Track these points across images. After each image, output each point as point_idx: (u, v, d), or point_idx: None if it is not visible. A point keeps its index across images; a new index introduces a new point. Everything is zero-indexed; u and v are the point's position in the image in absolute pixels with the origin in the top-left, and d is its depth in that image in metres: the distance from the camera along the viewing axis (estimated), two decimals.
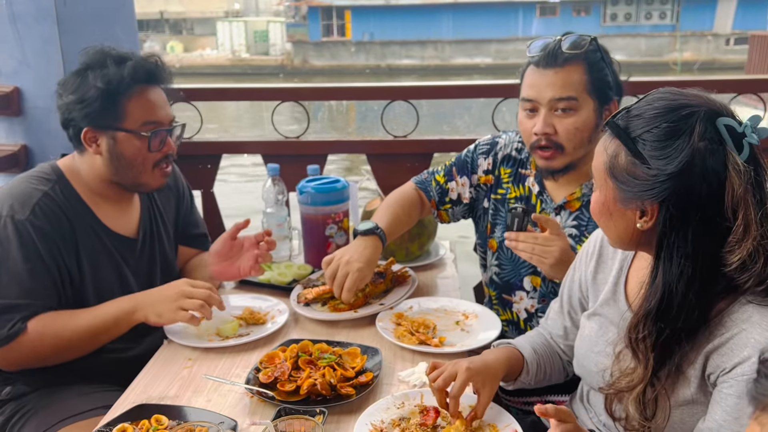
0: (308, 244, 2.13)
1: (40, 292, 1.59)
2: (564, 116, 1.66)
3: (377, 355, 1.56)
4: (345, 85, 2.57)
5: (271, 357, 1.53)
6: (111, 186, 1.74)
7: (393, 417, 1.33)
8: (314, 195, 2.05)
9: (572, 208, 1.79)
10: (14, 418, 1.63)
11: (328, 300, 1.84)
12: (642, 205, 1.10)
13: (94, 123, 1.64)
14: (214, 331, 1.72)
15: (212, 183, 2.59)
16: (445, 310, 1.83)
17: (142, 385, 1.51)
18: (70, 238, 1.65)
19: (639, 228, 1.13)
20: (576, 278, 1.47)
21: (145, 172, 1.72)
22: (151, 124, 1.69)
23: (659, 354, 1.11)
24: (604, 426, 1.36)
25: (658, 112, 1.09)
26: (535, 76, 1.68)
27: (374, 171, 2.51)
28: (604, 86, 1.68)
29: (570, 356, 1.51)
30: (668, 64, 25.69)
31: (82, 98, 1.62)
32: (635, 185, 1.09)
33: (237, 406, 1.42)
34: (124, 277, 1.78)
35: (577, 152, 1.69)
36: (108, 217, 1.75)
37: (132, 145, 1.67)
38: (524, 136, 1.76)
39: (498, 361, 1.39)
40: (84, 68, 1.65)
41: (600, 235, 1.43)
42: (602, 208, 1.18)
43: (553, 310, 1.56)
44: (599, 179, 1.17)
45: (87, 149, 1.68)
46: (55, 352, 1.60)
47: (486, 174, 1.95)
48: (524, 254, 1.66)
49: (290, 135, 2.56)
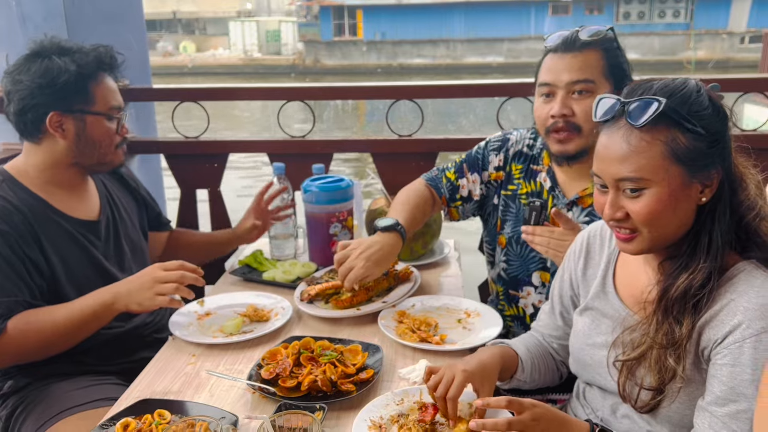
0: (312, 243, 2.14)
1: (9, 289, 1.59)
2: (581, 98, 1.67)
3: (378, 353, 1.57)
4: (350, 85, 2.58)
5: (273, 353, 1.54)
6: (67, 171, 1.77)
7: (392, 413, 1.34)
8: (318, 194, 2.07)
9: (584, 204, 1.79)
10: (17, 410, 1.66)
11: (331, 297, 1.85)
12: (709, 176, 1.14)
13: (61, 107, 1.67)
14: (218, 328, 1.74)
15: (219, 182, 2.61)
16: (447, 308, 1.84)
17: (146, 381, 1.53)
18: (29, 232, 1.65)
19: (700, 203, 1.16)
20: (566, 278, 1.49)
21: (110, 153, 1.79)
22: (115, 108, 1.77)
23: (677, 320, 1.15)
24: (601, 421, 1.37)
25: (679, 89, 1.13)
26: (553, 61, 1.70)
27: (379, 170, 2.52)
28: (621, 73, 1.70)
29: (563, 356, 1.52)
30: (682, 62, 25.51)
31: (52, 82, 1.65)
32: (705, 157, 1.13)
33: (239, 401, 1.44)
34: (95, 260, 1.80)
35: (594, 135, 1.69)
36: (65, 205, 1.77)
37: (101, 127, 1.74)
38: (539, 123, 1.76)
39: (493, 357, 1.41)
40: (35, 55, 1.67)
41: (587, 233, 1.45)
42: (669, 200, 1.13)
43: (544, 311, 1.58)
44: (658, 174, 1.12)
45: (50, 134, 1.70)
46: (40, 347, 1.62)
47: (497, 170, 1.96)
48: (540, 248, 1.67)
49: (301, 134, 2.57)
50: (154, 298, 1.61)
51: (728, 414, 1.08)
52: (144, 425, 1.29)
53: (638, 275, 1.30)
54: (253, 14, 39.05)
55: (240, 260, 2.17)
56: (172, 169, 2.62)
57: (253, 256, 2.16)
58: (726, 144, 1.15)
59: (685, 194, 1.14)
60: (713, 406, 1.10)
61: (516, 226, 1.90)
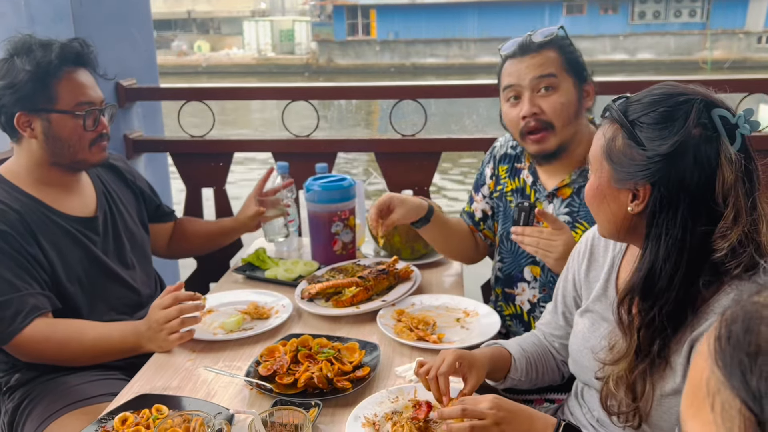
0: (314, 241, 2.16)
1: (18, 284, 1.62)
2: (547, 95, 1.71)
3: (375, 351, 1.58)
4: (354, 85, 2.59)
5: (272, 350, 1.56)
6: (52, 170, 1.77)
7: (386, 411, 1.35)
8: (320, 193, 2.08)
9: (564, 195, 1.81)
10: (23, 403, 1.69)
11: (331, 296, 1.87)
12: (635, 186, 1.14)
13: (26, 107, 1.68)
14: (219, 325, 1.76)
15: (224, 180, 2.63)
16: (446, 307, 1.85)
17: (146, 376, 1.56)
18: (27, 231, 1.67)
19: (630, 211, 1.16)
20: (569, 278, 1.48)
21: (82, 150, 1.76)
22: (84, 104, 1.73)
23: (644, 333, 1.14)
24: (597, 422, 1.37)
25: (656, 98, 1.13)
26: (514, 65, 1.74)
27: (383, 169, 2.53)
28: (578, 66, 1.74)
29: (564, 356, 1.52)
30: (698, 62, 25.25)
31: (11, 83, 1.65)
32: (630, 166, 1.13)
33: (236, 397, 1.45)
34: (93, 256, 1.81)
35: (567, 130, 1.73)
36: (59, 203, 1.78)
37: (66, 125, 1.71)
38: (512, 127, 1.79)
39: (482, 353, 1.42)
40: (9, 55, 1.68)
41: (591, 234, 1.44)
42: (596, 192, 1.21)
43: (548, 310, 1.58)
44: (595, 164, 1.21)
45: (21, 134, 1.71)
46: (60, 358, 1.67)
47: (490, 179, 2.02)
48: (530, 248, 1.69)
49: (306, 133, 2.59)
50: (167, 340, 1.63)
51: None
52: (142, 420, 1.31)
53: None
54: (267, 14, 39.21)
55: (243, 258, 2.20)
56: (178, 168, 2.65)
57: (256, 255, 2.17)
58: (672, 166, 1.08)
59: (612, 194, 1.18)
60: None
61: (506, 223, 1.93)
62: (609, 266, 1.37)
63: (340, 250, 2.14)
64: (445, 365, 1.30)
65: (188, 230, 2.24)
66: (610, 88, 2.25)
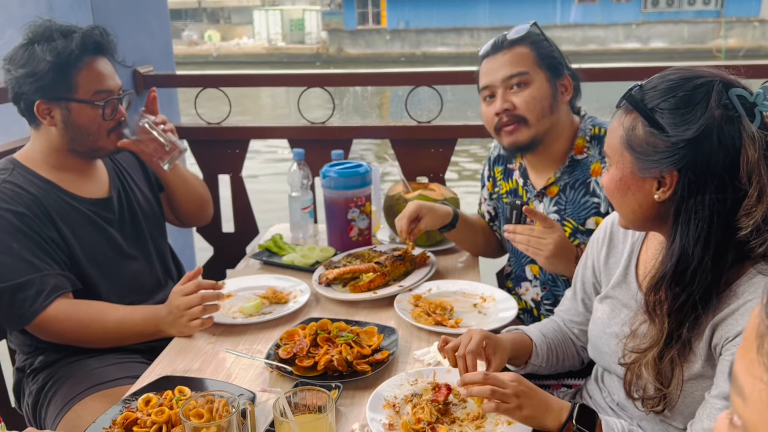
0: (331, 228, 2.17)
1: (38, 265, 1.65)
2: (519, 91, 1.73)
3: (393, 335, 1.59)
4: (370, 71, 2.59)
5: (291, 334, 1.57)
6: (69, 156, 1.78)
7: (406, 393, 1.36)
8: (337, 179, 2.09)
9: (552, 194, 1.83)
10: (47, 385, 1.72)
11: (348, 281, 1.88)
12: (660, 174, 1.13)
13: (46, 95, 1.68)
14: (238, 309, 1.78)
15: (240, 167, 2.64)
16: (463, 292, 1.86)
17: (167, 359, 1.58)
18: (44, 214, 1.69)
19: (656, 200, 1.15)
20: (589, 264, 1.49)
21: (101, 139, 1.77)
22: (103, 93, 1.73)
23: (674, 318, 1.14)
24: (617, 405, 1.38)
25: (673, 83, 1.12)
26: (487, 65, 1.78)
27: (398, 156, 2.54)
28: (552, 60, 1.75)
29: (584, 341, 1.53)
30: (712, 51, 24.96)
31: (32, 72, 1.65)
32: (655, 154, 1.12)
33: (257, 380, 1.47)
34: (110, 237, 1.83)
35: (541, 124, 1.73)
36: (75, 186, 1.80)
37: (86, 114, 1.72)
38: (488, 125, 1.82)
39: (505, 338, 1.43)
40: (30, 42, 1.68)
41: (610, 221, 1.44)
42: (619, 184, 1.19)
43: (567, 297, 1.59)
44: (615, 155, 1.19)
45: (41, 122, 1.72)
46: (81, 339, 1.69)
47: (488, 180, 2.06)
48: (521, 246, 1.71)
49: (321, 121, 2.59)
50: (188, 326, 1.64)
51: (726, 407, 1.07)
52: (165, 401, 1.33)
53: None
54: (277, 3, 39.10)
55: (260, 244, 2.21)
56: (195, 155, 2.66)
57: (273, 241, 2.19)
58: (697, 150, 1.08)
59: (636, 184, 1.17)
60: (715, 399, 1.10)
61: (504, 224, 1.94)
62: (629, 253, 1.37)
63: (357, 236, 2.15)
64: (473, 343, 1.32)
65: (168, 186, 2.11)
66: (620, 75, 2.25)
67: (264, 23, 33.77)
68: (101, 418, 1.31)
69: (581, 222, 1.77)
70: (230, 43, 32.63)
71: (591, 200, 1.76)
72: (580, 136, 1.79)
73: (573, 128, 1.80)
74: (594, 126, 1.80)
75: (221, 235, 2.73)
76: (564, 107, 1.77)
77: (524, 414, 1.17)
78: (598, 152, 1.77)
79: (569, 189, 1.79)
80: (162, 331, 1.68)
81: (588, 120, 1.81)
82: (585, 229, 1.76)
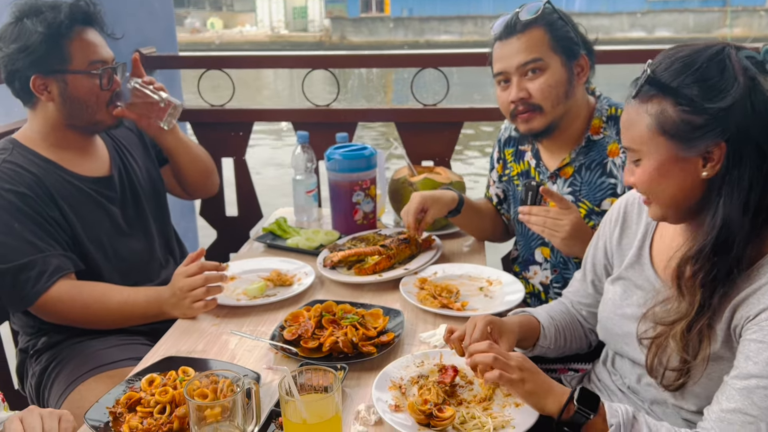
0: (335, 211, 2.15)
1: (41, 246, 1.63)
2: (534, 77, 1.69)
3: (399, 317, 1.57)
4: (376, 53, 2.57)
5: (296, 316, 1.56)
6: (68, 132, 1.77)
7: (412, 375, 1.35)
8: (341, 161, 2.07)
9: (566, 175, 1.80)
10: (50, 366, 1.71)
11: (353, 263, 1.87)
12: (706, 149, 1.09)
13: (41, 69, 1.66)
14: (242, 291, 1.76)
15: (244, 150, 2.62)
16: (469, 276, 1.84)
17: (171, 340, 1.56)
18: (45, 194, 1.67)
19: (704, 177, 1.11)
20: (600, 245, 1.46)
21: (100, 111, 1.76)
22: (98, 62, 1.72)
23: (708, 288, 1.12)
24: (628, 389, 1.36)
25: (687, 58, 1.10)
26: (501, 49, 1.73)
27: (403, 140, 2.51)
28: (568, 42, 1.70)
29: (592, 324, 1.51)
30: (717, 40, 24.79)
31: (25, 46, 1.64)
32: (694, 131, 1.09)
33: (261, 361, 1.46)
34: (112, 215, 1.82)
35: (556, 110, 1.70)
36: (75, 165, 1.78)
37: (83, 85, 1.71)
38: (503, 110, 1.79)
39: (511, 321, 1.41)
40: (18, 18, 1.66)
41: (624, 201, 1.41)
42: (657, 172, 1.14)
43: (576, 278, 1.56)
44: (645, 146, 1.14)
45: (38, 98, 1.70)
46: (83, 320, 1.68)
47: (498, 162, 2.03)
48: (536, 228, 1.67)
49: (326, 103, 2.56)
50: (192, 308, 1.62)
51: (746, 387, 1.05)
52: (169, 381, 1.32)
53: (675, 246, 1.27)
54: None
55: (264, 227, 2.19)
56: (198, 138, 2.64)
57: (277, 224, 2.17)
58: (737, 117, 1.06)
59: (678, 167, 1.12)
60: (735, 380, 1.08)
61: (515, 207, 1.95)
62: (642, 234, 1.35)
63: (361, 219, 2.13)
64: (477, 331, 1.30)
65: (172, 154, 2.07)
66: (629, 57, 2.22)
67: (267, 10, 33.62)
68: (104, 398, 1.30)
69: (597, 203, 1.74)
70: (233, 31, 32.47)
71: (608, 181, 1.73)
72: (596, 116, 1.76)
73: (589, 109, 1.77)
74: (610, 106, 1.77)
75: (225, 219, 2.72)
76: (580, 89, 1.74)
77: (526, 389, 1.15)
78: (615, 132, 1.73)
79: (585, 170, 1.76)
80: (165, 313, 1.66)
81: (604, 100, 1.78)
82: (600, 210, 1.73)
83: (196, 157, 2.08)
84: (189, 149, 2.05)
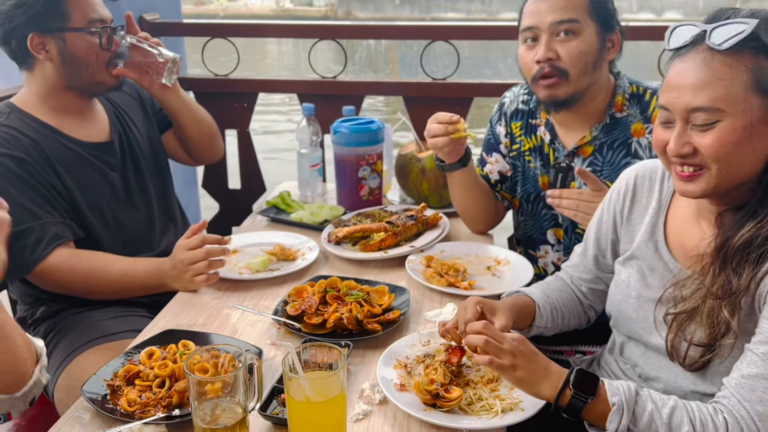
0: (340, 186, 2.10)
1: (39, 213, 1.59)
2: (566, 40, 1.59)
3: (404, 294, 1.54)
4: (384, 24, 2.50)
5: (300, 291, 1.53)
6: (67, 94, 1.72)
7: (418, 354, 1.32)
8: (348, 135, 2.02)
9: (585, 154, 1.72)
10: (49, 336, 1.68)
11: (358, 239, 1.83)
12: None
13: (38, 26, 1.62)
14: (245, 265, 1.73)
15: (248, 122, 2.57)
16: (476, 255, 1.80)
17: (171, 313, 1.53)
18: (44, 159, 1.63)
19: None
20: (607, 219, 1.40)
21: (100, 71, 1.71)
22: (97, 21, 1.68)
23: (749, 274, 1.07)
24: (639, 377, 1.32)
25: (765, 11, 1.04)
26: (535, 4, 1.63)
27: (411, 114, 2.45)
28: (606, 12, 1.62)
29: (591, 300, 1.46)
30: None
31: (22, 2, 1.59)
32: None
33: (263, 336, 1.43)
34: (112, 183, 1.78)
35: (582, 80, 1.61)
36: (74, 129, 1.73)
37: (83, 43, 1.66)
38: (525, 70, 1.68)
39: (503, 302, 1.35)
40: None
41: (634, 173, 1.35)
42: (742, 135, 1.05)
43: (576, 253, 1.50)
44: (734, 105, 1.04)
45: (36, 58, 1.65)
46: (82, 290, 1.65)
47: (505, 138, 1.90)
48: (568, 212, 1.61)
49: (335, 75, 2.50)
50: (193, 281, 1.59)
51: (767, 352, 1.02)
52: (168, 354, 1.29)
53: (691, 229, 1.22)
54: None
55: (267, 201, 2.15)
56: None
57: (281, 198, 2.13)
58: None
59: (764, 130, 1.05)
60: (757, 345, 1.04)
61: (525, 185, 1.86)
62: (655, 208, 1.29)
63: (367, 195, 2.09)
64: (469, 313, 1.25)
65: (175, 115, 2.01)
66: None
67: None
68: (102, 370, 1.27)
69: None
70: (237, 3, 32.10)
71: (633, 162, 1.63)
72: (618, 93, 1.68)
73: (610, 86, 1.69)
74: (632, 84, 1.69)
75: (227, 192, 2.68)
76: (606, 65, 1.66)
77: (517, 375, 1.10)
78: (639, 111, 1.66)
79: (606, 149, 1.69)
80: (165, 285, 1.63)
81: (624, 78, 1.70)
82: None
83: (200, 118, 2.02)
84: (192, 110, 1.99)
